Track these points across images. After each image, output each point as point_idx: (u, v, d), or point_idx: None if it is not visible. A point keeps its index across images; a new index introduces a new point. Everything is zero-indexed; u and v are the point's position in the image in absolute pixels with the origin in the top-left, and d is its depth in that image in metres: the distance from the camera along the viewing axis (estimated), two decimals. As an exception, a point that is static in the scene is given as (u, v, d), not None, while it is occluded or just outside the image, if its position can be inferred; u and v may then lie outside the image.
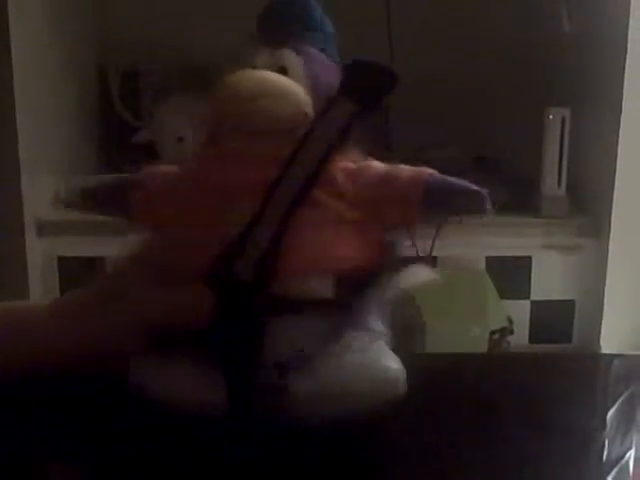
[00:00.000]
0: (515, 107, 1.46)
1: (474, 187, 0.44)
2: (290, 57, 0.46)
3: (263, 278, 0.43)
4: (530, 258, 1.31)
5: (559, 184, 1.30)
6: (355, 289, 0.45)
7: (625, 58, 1.20)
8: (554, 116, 1.28)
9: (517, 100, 1.46)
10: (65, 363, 0.48)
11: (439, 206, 0.45)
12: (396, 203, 0.45)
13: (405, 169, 0.46)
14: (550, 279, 1.33)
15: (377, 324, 0.47)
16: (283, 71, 0.46)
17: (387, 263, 0.46)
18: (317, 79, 0.46)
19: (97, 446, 0.45)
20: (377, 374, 0.45)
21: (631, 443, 0.46)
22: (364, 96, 0.44)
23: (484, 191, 0.44)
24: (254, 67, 0.46)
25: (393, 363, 0.46)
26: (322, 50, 0.48)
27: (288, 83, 0.45)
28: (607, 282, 1.28)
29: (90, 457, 0.45)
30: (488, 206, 0.44)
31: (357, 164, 0.46)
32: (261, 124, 0.44)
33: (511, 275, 1.30)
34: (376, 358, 0.46)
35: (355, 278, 0.45)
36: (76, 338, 0.48)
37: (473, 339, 1.14)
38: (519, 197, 1.33)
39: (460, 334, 1.14)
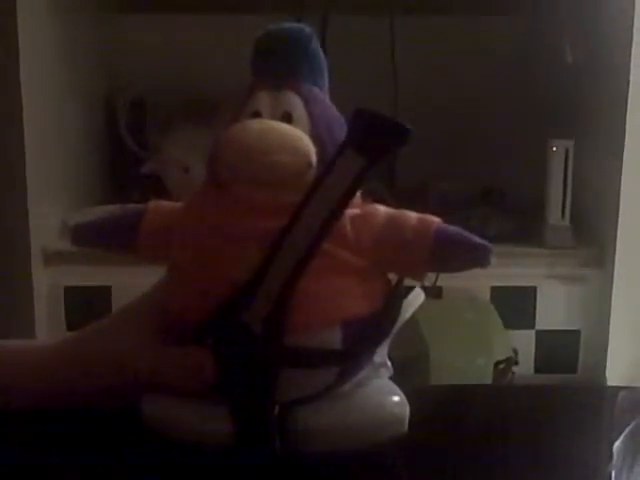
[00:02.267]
0: (519, 139, 1.47)
1: (479, 240, 0.44)
2: (294, 101, 0.45)
3: (273, 332, 0.42)
4: (535, 288, 1.31)
5: (563, 215, 1.30)
6: (362, 337, 0.44)
7: (628, 89, 1.21)
8: (558, 148, 1.28)
9: (520, 132, 1.47)
10: (70, 400, 0.48)
11: (445, 259, 0.45)
12: (402, 254, 0.45)
13: (410, 217, 0.45)
14: (555, 309, 1.32)
15: (379, 356, 0.47)
16: (288, 117, 0.45)
17: (391, 307, 0.46)
18: (318, 121, 0.45)
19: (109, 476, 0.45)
20: (380, 410, 0.45)
21: (638, 475, 0.46)
22: (374, 151, 0.43)
23: (488, 244, 0.44)
24: (256, 113, 0.45)
25: (396, 398, 0.46)
26: (314, 81, 0.47)
27: (297, 135, 0.44)
28: (612, 313, 1.28)
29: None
30: (492, 259, 0.44)
31: (361, 209, 0.45)
32: (271, 178, 0.43)
33: (516, 305, 1.30)
34: (379, 393, 0.46)
35: (362, 326, 0.44)
36: (81, 378, 0.48)
37: (478, 370, 1.13)
38: (523, 228, 1.34)
39: (465, 365, 1.14)
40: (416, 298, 0.49)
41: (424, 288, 0.49)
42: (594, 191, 1.33)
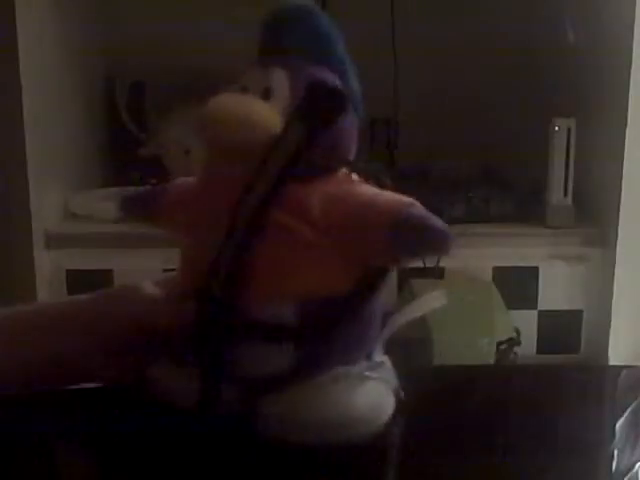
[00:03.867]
0: (521, 118, 1.46)
1: (440, 226, 0.42)
2: (278, 77, 0.46)
3: (229, 300, 0.44)
4: (537, 268, 1.31)
5: (565, 194, 1.30)
6: (320, 316, 0.44)
7: (630, 68, 1.21)
8: (560, 127, 1.28)
9: (523, 112, 1.47)
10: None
11: (402, 245, 0.43)
12: (361, 238, 0.44)
13: (381, 202, 0.44)
14: (557, 289, 1.32)
15: (379, 355, 0.47)
16: (267, 92, 0.45)
17: (357, 292, 0.45)
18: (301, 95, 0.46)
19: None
20: (345, 411, 0.44)
21: (640, 454, 0.46)
22: (315, 119, 0.45)
23: (449, 232, 0.42)
24: (244, 88, 0.46)
25: (367, 401, 0.45)
26: (317, 57, 0.47)
27: (256, 110, 0.45)
28: (614, 292, 1.28)
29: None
30: (451, 248, 0.42)
31: (341, 189, 0.45)
32: (221, 148, 0.45)
33: (518, 285, 1.30)
34: (351, 395, 0.45)
35: (320, 305, 0.44)
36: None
37: (480, 350, 1.14)
38: (525, 208, 1.34)
39: (467, 345, 1.14)
40: (433, 300, 0.48)
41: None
42: (596, 170, 1.33)
